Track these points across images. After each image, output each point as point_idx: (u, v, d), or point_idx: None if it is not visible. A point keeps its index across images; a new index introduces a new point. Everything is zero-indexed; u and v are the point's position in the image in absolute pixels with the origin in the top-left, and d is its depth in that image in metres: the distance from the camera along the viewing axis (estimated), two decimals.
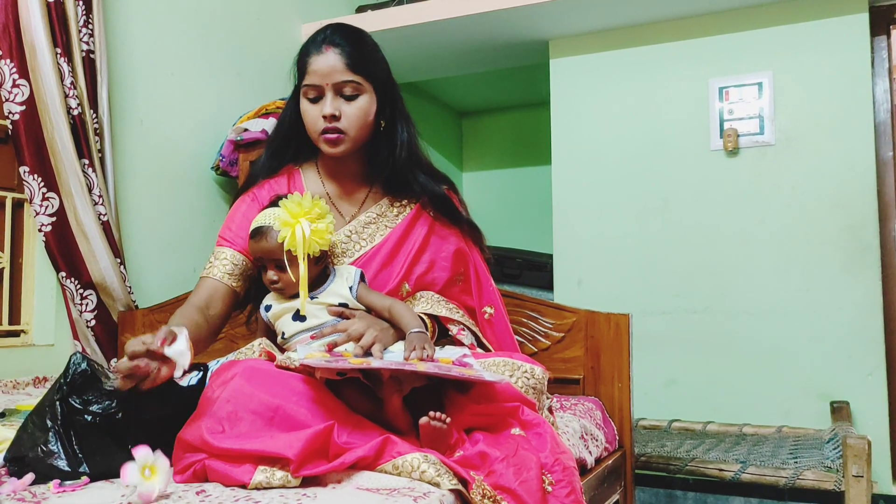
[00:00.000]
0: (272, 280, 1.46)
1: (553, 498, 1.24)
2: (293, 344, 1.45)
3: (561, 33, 3.34)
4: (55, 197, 2.32)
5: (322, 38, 1.55)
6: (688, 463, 2.37)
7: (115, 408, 1.18)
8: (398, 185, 1.65)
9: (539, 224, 4.17)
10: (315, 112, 1.55)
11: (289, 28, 3.44)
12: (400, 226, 1.63)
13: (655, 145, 3.18)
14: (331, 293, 1.47)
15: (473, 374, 1.28)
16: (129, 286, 2.53)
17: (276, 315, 1.48)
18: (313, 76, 1.53)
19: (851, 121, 2.85)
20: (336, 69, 1.52)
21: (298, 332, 1.44)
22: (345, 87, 1.53)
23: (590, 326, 2.11)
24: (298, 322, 1.44)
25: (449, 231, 1.68)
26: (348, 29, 1.59)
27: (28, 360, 2.33)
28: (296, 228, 1.38)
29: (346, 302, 1.46)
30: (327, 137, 1.55)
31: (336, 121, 1.53)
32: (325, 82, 1.52)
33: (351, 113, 1.54)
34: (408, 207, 1.66)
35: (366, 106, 1.56)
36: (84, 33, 2.38)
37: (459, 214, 1.70)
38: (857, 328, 2.79)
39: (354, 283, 1.48)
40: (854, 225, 2.83)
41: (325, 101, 1.54)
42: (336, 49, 1.53)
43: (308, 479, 1.12)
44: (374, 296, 1.50)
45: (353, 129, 1.55)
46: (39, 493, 1.09)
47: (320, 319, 1.44)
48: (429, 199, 1.66)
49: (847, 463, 2.10)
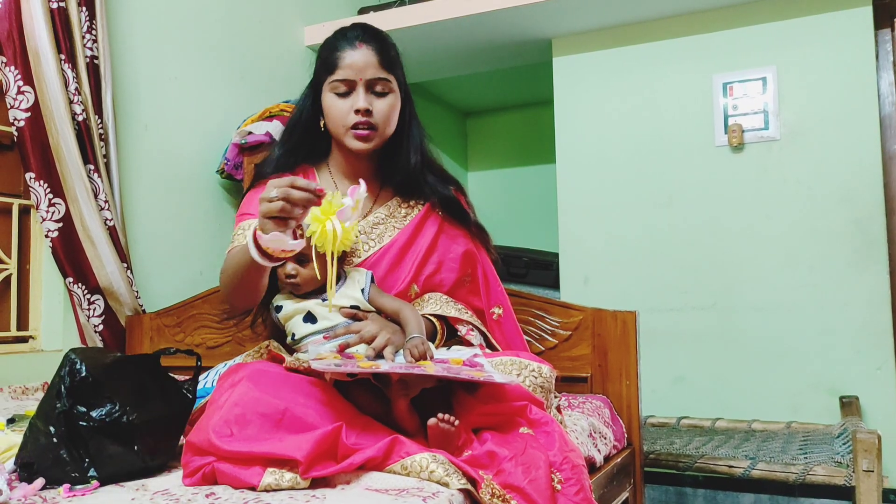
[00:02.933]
0: (290, 275, 1.43)
1: (562, 496, 1.24)
2: (304, 345, 1.44)
3: (563, 31, 3.34)
4: (61, 203, 2.33)
5: (355, 36, 1.55)
6: (697, 460, 2.37)
7: (118, 411, 1.19)
8: (410, 187, 1.66)
9: (544, 223, 4.17)
10: (344, 106, 1.54)
11: (291, 30, 3.45)
12: (409, 226, 1.63)
13: (660, 142, 3.17)
14: (343, 295, 1.45)
15: (483, 376, 1.28)
16: (137, 290, 2.54)
17: (288, 316, 1.46)
18: (346, 70, 1.53)
19: (856, 115, 2.84)
20: (371, 64, 1.53)
21: (310, 334, 1.43)
22: (377, 83, 1.54)
23: (597, 324, 2.10)
24: (310, 324, 1.43)
25: (457, 232, 1.67)
26: (377, 30, 1.60)
27: (36, 365, 2.34)
28: (325, 225, 1.32)
29: (358, 304, 1.46)
30: (358, 133, 1.54)
31: (369, 115, 1.53)
32: (359, 77, 1.52)
33: (382, 109, 1.55)
34: (416, 208, 1.66)
35: (395, 104, 1.58)
36: (88, 39, 2.38)
37: (468, 216, 1.70)
38: (866, 322, 2.78)
39: (366, 286, 1.48)
40: (861, 219, 2.82)
41: (356, 95, 1.53)
42: (370, 46, 1.54)
43: (317, 481, 1.12)
44: (385, 298, 1.49)
45: (384, 125, 1.56)
46: (50, 498, 1.10)
47: (332, 321, 1.43)
48: (438, 201, 1.66)
49: (857, 458, 2.09)
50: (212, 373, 2.00)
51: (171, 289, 2.74)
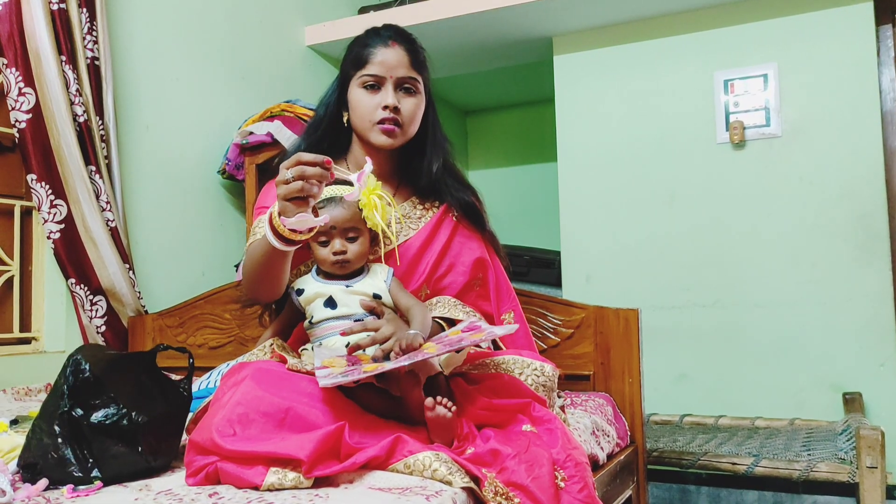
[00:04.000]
0: (338, 251, 1.42)
1: (566, 494, 1.24)
2: (321, 330, 1.42)
3: (564, 30, 3.34)
4: (63, 204, 2.33)
5: (388, 35, 1.59)
6: (700, 457, 2.37)
7: (121, 412, 1.19)
8: (429, 190, 1.67)
9: (546, 221, 4.17)
10: (372, 101, 1.56)
11: (292, 30, 3.45)
12: (425, 228, 1.64)
13: (661, 140, 3.17)
14: (366, 284, 1.45)
15: (483, 336, 1.30)
16: (139, 291, 2.54)
17: (309, 299, 1.44)
18: (378, 67, 1.55)
19: (858, 111, 2.84)
20: (403, 63, 1.56)
21: (328, 319, 1.42)
22: (406, 82, 1.57)
23: (599, 322, 2.10)
24: (329, 308, 1.42)
25: (471, 236, 1.68)
26: (409, 33, 1.63)
27: (39, 367, 2.34)
28: (371, 197, 1.38)
29: (381, 294, 1.45)
30: (385, 128, 1.56)
31: (397, 113, 1.55)
32: (390, 74, 1.55)
33: (409, 108, 1.58)
34: (432, 210, 1.67)
35: (421, 104, 1.61)
36: (88, 40, 2.38)
37: (484, 221, 1.71)
38: (869, 318, 2.78)
39: (388, 279, 1.48)
40: (863, 215, 2.81)
41: (385, 92, 1.55)
42: (402, 46, 1.58)
43: (320, 480, 1.12)
44: (402, 295, 1.48)
45: (409, 124, 1.58)
46: (53, 499, 1.10)
47: (351, 309, 1.42)
48: (457, 205, 1.67)
49: (861, 454, 2.09)
50: (214, 372, 2.00)
51: (173, 289, 2.74)
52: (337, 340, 1.39)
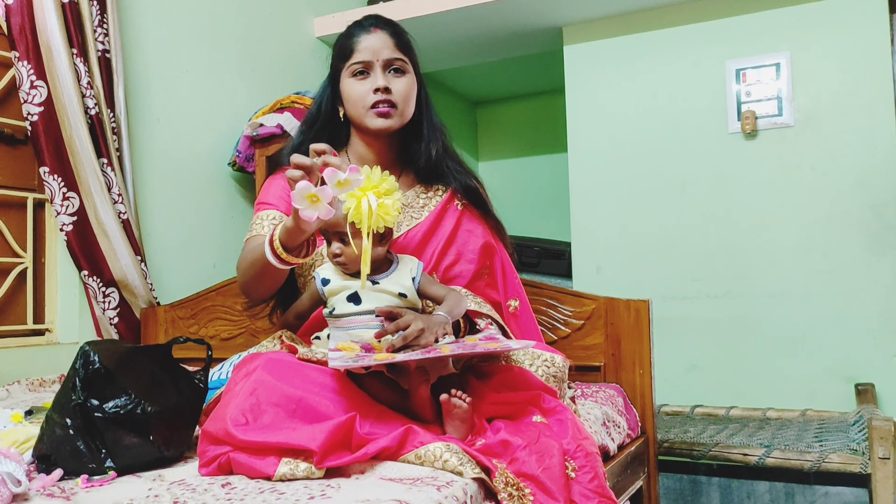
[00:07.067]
0: (335, 254, 1.40)
1: (576, 484, 1.24)
2: (344, 322, 1.39)
3: (574, 19, 3.32)
4: (75, 196, 2.34)
5: (369, 23, 1.61)
6: (711, 448, 2.36)
7: (133, 403, 1.20)
8: (432, 173, 1.67)
9: (556, 212, 4.16)
10: (363, 88, 1.57)
11: (301, 22, 3.44)
12: (428, 218, 1.64)
13: (672, 129, 3.15)
14: (393, 281, 1.41)
15: (499, 346, 1.29)
16: (151, 283, 2.55)
17: (333, 292, 1.41)
18: (363, 53, 1.57)
19: (871, 100, 2.81)
20: (387, 45, 1.58)
21: (350, 314, 1.39)
22: (394, 63, 1.58)
23: (609, 313, 2.10)
24: (352, 304, 1.39)
25: (476, 223, 1.68)
26: (389, 18, 1.65)
27: (53, 358, 2.36)
28: (361, 201, 1.26)
29: (406, 293, 1.41)
30: (379, 111, 1.56)
31: (388, 93, 1.56)
32: (376, 58, 1.57)
33: (401, 88, 1.58)
34: (436, 198, 1.67)
35: (413, 84, 1.61)
36: (99, 33, 2.39)
37: (488, 206, 1.71)
38: (882, 309, 2.76)
39: (417, 275, 1.44)
40: (876, 204, 2.79)
41: (374, 75, 1.57)
42: (384, 30, 1.60)
43: (332, 470, 1.13)
44: (435, 287, 1.46)
45: (403, 104, 1.59)
46: (68, 489, 1.11)
47: (375, 305, 1.38)
48: (462, 190, 1.67)
49: (873, 445, 2.09)
50: (226, 364, 2.01)
51: (185, 281, 2.75)
52: (365, 333, 1.36)
